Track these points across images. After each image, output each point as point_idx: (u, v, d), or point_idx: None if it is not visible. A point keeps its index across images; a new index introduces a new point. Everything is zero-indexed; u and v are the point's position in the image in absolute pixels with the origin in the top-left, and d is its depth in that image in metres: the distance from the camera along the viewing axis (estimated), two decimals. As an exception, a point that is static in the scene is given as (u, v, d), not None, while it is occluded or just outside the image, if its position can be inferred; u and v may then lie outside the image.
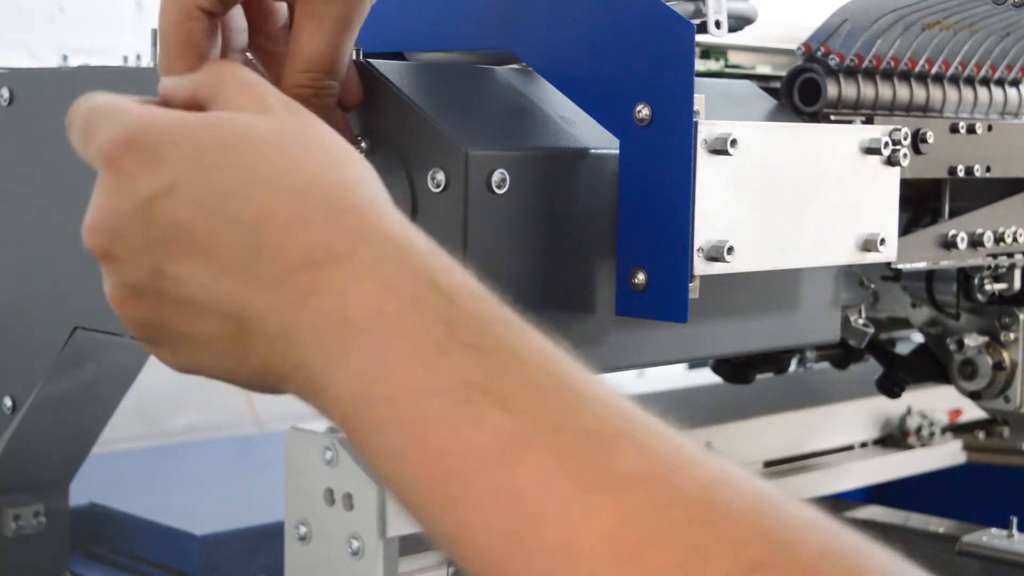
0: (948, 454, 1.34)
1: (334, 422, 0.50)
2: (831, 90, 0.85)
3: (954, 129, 0.90)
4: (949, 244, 0.91)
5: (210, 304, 0.51)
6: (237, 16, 0.65)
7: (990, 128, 0.92)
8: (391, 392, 0.47)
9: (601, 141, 0.71)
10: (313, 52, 0.63)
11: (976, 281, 1.00)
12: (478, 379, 0.46)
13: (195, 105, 0.56)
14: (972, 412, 1.31)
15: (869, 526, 1.20)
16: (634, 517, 0.42)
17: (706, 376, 1.15)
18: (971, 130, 0.91)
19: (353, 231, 0.50)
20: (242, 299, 0.50)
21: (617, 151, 0.69)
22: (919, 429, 1.32)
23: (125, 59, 1.02)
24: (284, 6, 0.66)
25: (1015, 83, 0.97)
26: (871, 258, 0.77)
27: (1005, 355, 1.03)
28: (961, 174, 0.90)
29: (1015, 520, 1.08)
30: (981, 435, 1.36)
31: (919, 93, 0.90)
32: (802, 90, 0.86)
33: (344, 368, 0.48)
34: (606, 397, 0.47)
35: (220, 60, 0.57)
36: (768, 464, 1.21)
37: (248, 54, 0.67)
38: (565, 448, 0.44)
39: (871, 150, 0.77)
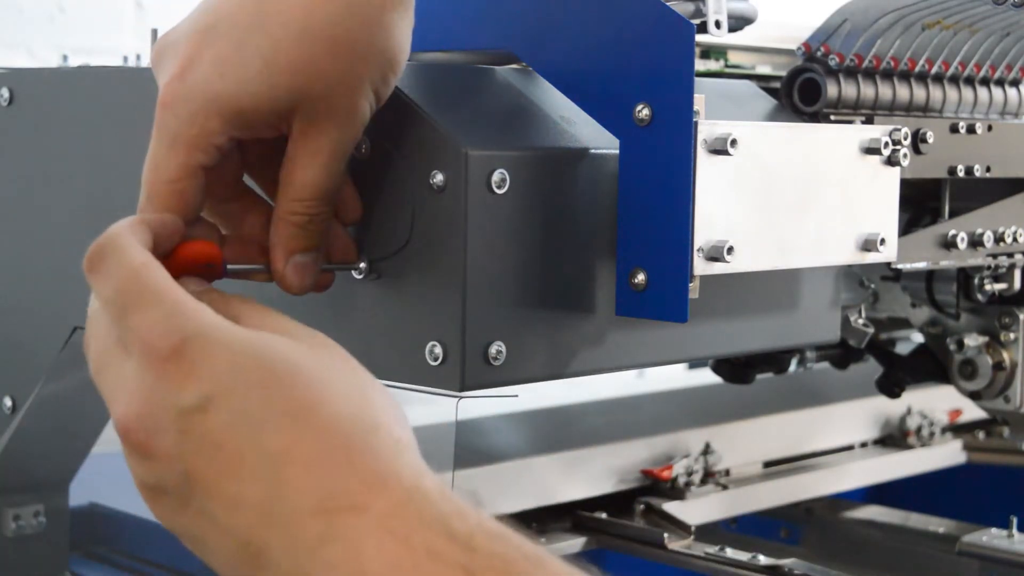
0: (948, 454, 1.34)
1: None
2: (831, 90, 0.85)
3: (954, 129, 0.90)
4: (949, 244, 0.91)
5: (229, 527, 0.51)
6: None
7: (990, 128, 0.92)
8: None
9: (601, 141, 0.71)
10: (306, 181, 0.63)
11: (976, 281, 1.00)
12: None
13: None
14: (972, 412, 1.31)
15: (869, 526, 1.20)
16: None
17: (706, 376, 1.15)
18: (971, 130, 0.91)
19: (370, 479, 0.50)
20: (258, 532, 0.50)
21: (617, 151, 0.69)
22: (919, 429, 1.32)
23: (125, 59, 1.02)
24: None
25: (1015, 83, 0.97)
26: (871, 258, 0.77)
27: (1005, 355, 1.03)
28: (961, 174, 0.90)
29: (1015, 520, 1.08)
30: (981, 435, 1.36)
31: (919, 93, 0.90)
32: (802, 90, 0.86)
33: None
34: None
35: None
36: (768, 464, 1.21)
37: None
38: None
39: (871, 150, 0.77)
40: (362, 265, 0.69)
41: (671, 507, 1.07)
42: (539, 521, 1.06)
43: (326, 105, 0.62)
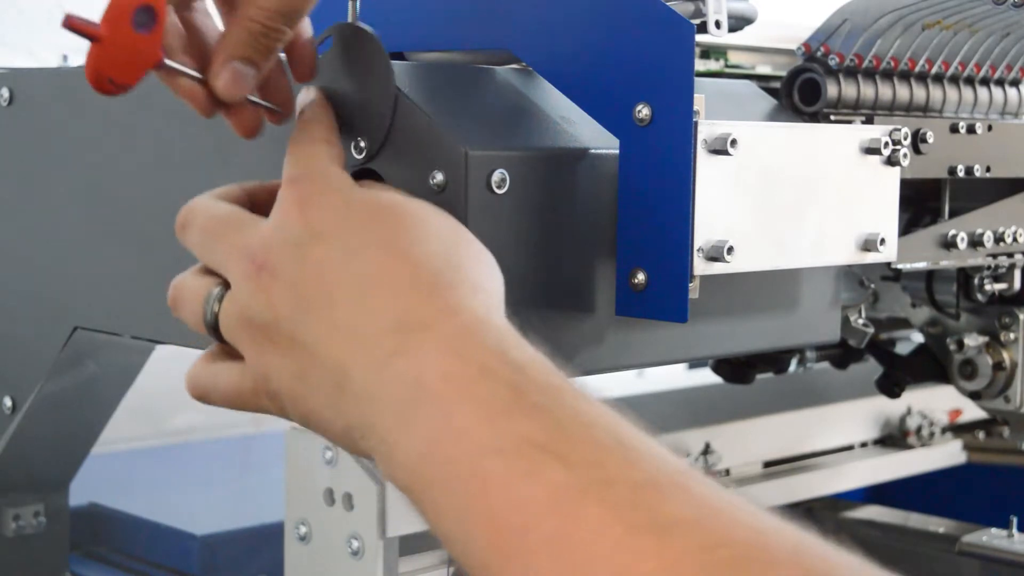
0: (948, 454, 1.34)
1: (399, 487, 0.52)
2: (831, 90, 0.85)
3: (954, 129, 0.90)
4: (949, 244, 0.91)
5: (324, 353, 0.55)
6: None
7: (990, 128, 0.92)
8: (454, 453, 0.49)
9: (601, 141, 0.71)
10: None
11: (976, 281, 1.00)
12: (540, 438, 0.48)
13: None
14: (972, 412, 1.31)
15: (869, 526, 1.20)
16: (682, 557, 0.44)
17: (706, 376, 1.15)
18: (971, 130, 0.91)
19: (445, 306, 0.54)
20: (345, 354, 0.54)
21: (617, 151, 0.69)
22: (919, 429, 1.32)
23: (125, 59, 1.02)
24: None
25: (1015, 83, 0.97)
26: (871, 258, 0.77)
27: (1005, 355, 1.03)
28: (961, 174, 0.90)
29: (1015, 520, 1.08)
30: (981, 435, 1.36)
31: (919, 93, 0.90)
32: (802, 90, 0.86)
33: (412, 430, 0.51)
34: (663, 455, 0.48)
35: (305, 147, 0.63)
36: (768, 464, 1.21)
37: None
38: (617, 497, 0.46)
39: (871, 150, 0.77)
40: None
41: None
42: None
43: None
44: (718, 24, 0.82)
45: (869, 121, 0.85)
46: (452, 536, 0.50)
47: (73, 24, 0.56)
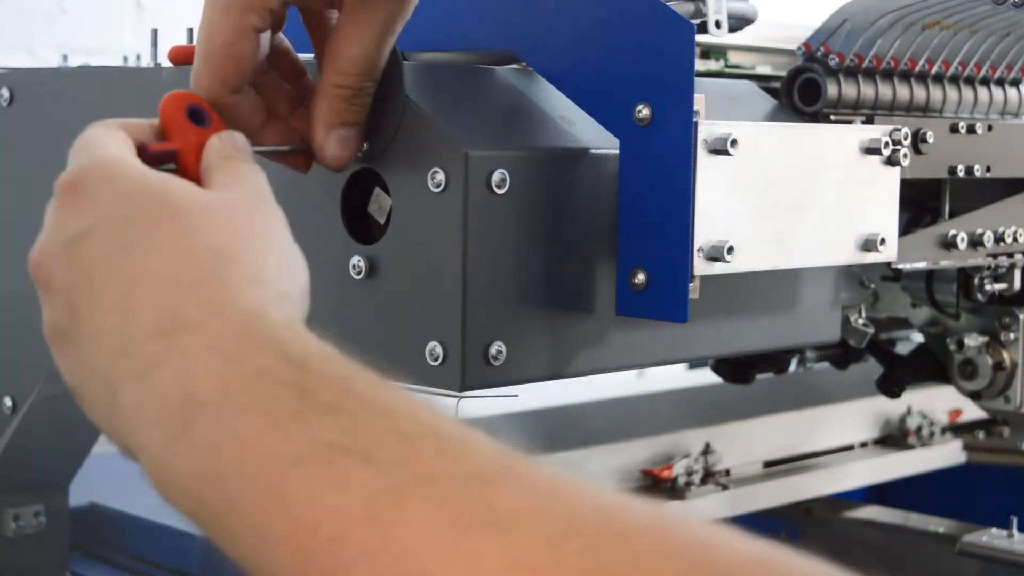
0: (948, 454, 1.34)
1: (184, 515, 0.47)
2: (831, 90, 0.85)
3: (954, 129, 0.90)
4: (949, 244, 0.91)
5: (94, 364, 0.50)
6: None
7: (990, 128, 0.92)
8: (242, 468, 0.44)
9: (601, 141, 0.71)
10: (355, 55, 0.64)
11: (976, 281, 1.00)
12: (339, 440, 0.43)
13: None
14: (972, 412, 1.31)
15: (869, 526, 1.20)
16: (526, 553, 0.38)
17: (706, 376, 1.15)
18: (971, 130, 0.91)
19: (209, 303, 0.48)
20: (113, 366, 0.49)
21: (617, 151, 0.69)
22: (919, 429, 1.32)
23: (125, 59, 1.02)
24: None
25: (1015, 83, 0.97)
26: (871, 258, 0.77)
27: (1005, 355, 1.03)
28: (961, 174, 0.90)
29: (1015, 520, 1.08)
30: (981, 435, 1.36)
31: (919, 93, 0.90)
32: (802, 90, 0.86)
33: (186, 448, 0.45)
34: (480, 440, 0.43)
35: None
36: (768, 464, 1.21)
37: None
38: (441, 494, 0.41)
39: (871, 150, 0.77)
40: (365, 146, 0.69)
41: (671, 507, 1.06)
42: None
43: None
44: (718, 24, 0.82)
45: (869, 121, 0.85)
46: (253, 564, 0.44)
47: (151, 161, 0.55)
